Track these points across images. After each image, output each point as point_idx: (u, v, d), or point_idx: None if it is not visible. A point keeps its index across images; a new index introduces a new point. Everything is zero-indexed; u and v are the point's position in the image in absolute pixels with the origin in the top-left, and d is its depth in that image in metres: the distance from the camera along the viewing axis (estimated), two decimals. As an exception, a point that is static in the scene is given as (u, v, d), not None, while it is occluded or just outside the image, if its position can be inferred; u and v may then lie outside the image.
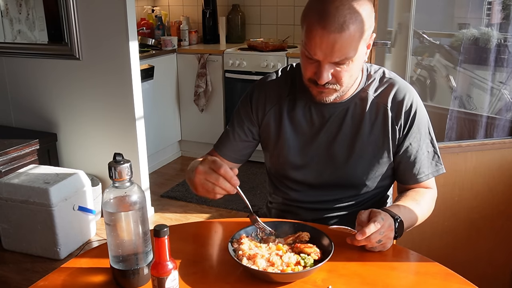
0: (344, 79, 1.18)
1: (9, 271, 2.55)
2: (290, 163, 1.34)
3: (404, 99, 1.28)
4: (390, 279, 1.04)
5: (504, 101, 2.50)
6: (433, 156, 1.32)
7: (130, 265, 1.00)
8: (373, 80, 1.31)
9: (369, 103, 1.28)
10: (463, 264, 1.45)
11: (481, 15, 2.64)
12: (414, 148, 1.29)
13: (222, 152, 1.39)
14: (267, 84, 1.37)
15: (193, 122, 4.04)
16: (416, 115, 1.28)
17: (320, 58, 1.13)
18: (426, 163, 1.31)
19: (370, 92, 1.29)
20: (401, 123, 1.28)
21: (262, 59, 3.65)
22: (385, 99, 1.28)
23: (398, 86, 1.29)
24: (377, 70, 1.33)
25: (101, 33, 2.82)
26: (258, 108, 1.36)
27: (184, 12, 4.41)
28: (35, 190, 2.53)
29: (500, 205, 2.00)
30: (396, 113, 1.28)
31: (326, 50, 1.11)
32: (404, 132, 1.28)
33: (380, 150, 1.29)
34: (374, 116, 1.28)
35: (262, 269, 1.01)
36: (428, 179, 1.32)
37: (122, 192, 0.97)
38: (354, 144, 1.29)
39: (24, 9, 3.08)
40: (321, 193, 1.35)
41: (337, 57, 1.12)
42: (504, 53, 2.35)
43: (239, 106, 1.40)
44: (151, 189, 3.28)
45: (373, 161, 1.30)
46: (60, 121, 3.14)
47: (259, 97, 1.36)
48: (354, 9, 1.10)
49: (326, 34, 1.09)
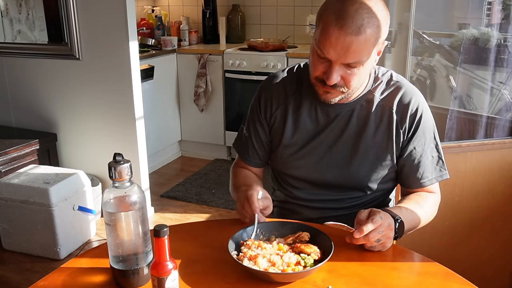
0: (352, 83, 1.18)
1: (9, 271, 2.55)
2: (294, 160, 1.35)
3: (410, 102, 1.28)
4: (390, 279, 1.04)
5: (504, 101, 2.50)
6: (438, 161, 1.31)
7: (130, 265, 1.00)
8: (380, 83, 1.31)
9: (374, 105, 1.28)
10: (463, 264, 1.45)
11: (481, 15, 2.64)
12: (418, 152, 1.29)
13: (249, 161, 1.43)
14: (273, 85, 1.38)
15: (193, 122, 4.03)
16: (422, 119, 1.28)
17: (333, 58, 1.13)
18: (430, 168, 1.30)
19: (376, 94, 1.29)
20: (405, 126, 1.27)
21: (262, 59, 3.65)
22: (390, 102, 1.28)
23: (405, 90, 1.29)
24: (384, 73, 1.33)
25: (101, 33, 2.82)
26: (266, 109, 1.37)
27: (184, 12, 4.41)
28: (35, 190, 2.53)
29: (500, 205, 2.00)
30: (401, 116, 1.27)
31: (341, 51, 1.11)
32: (409, 135, 1.28)
33: (384, 152, 1.29)
34: (379, 119, 1.28)
35: (263, 269, 1.01)
36: (431, 184, 1.31)
37: (122, 192, 0.97)
38: (358, 145, 1.29)
39: (24, 9, 3.08)
40: (323, 192, 1.35)
41: (351, 59, 1.12)
42: (504, 53, 2.35)
43: (251, 110, 1.42)
44: (151, 189, 3.28)
45: (376, 163, 1.30)
46: (60, 121, 3.14)
47: (266, 98, 1.37)
48: (373, 13, 1.11)
49: (343, 35, 1.09)
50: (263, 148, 1.41)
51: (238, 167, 1.46)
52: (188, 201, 3.33)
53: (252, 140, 1.41)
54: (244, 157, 1.44)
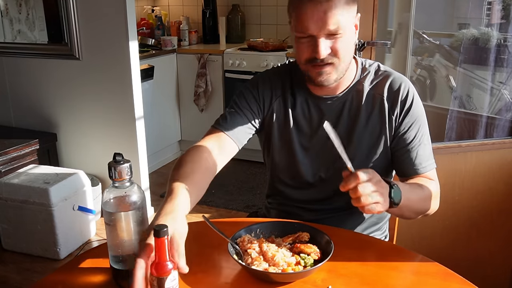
0: (341, 51, 1.18)
1: (9, 271, 2.55)
2: (292, 161, 1.34)
3: (400, 88, 1.28)
4: (390, 279, 1.04)
5: (504, 101, 2.50)
6: (431, 148, 1.31)
7: (130, 265, 0.99)
8: (368, 73, 1.32)
9: (365, 95, 1.29)
10: (463, 264, 1.45)
11: (481, 15, 2.64)
12: (412, 137, 1.28)
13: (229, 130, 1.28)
14: (270, 77, 1.36)
15: (193, 122, 4.03)
16: (413, 104, 1.28)
17: (314, 32, 1.15)
18: (426, 153, 1.29)
19: (365, 84, 1.30)
20: (397, 112, 1.28)
21: (262, 59, 3.65)
22: (381, 90, 1.29)
23: (393, 77, 1.31)
24: (371, 64, 1.35)
25: (101, 33, 2.82)
26: (265, 98, 1.33)
27: (184, 12, 4.41)
28: (35, 190, 2.53)
29: (500, 205, 2.00)
30: (392, 103, 1.28)
31: (319, 21, 1.14)
32: (401, 120, 1.28)
33: (377, 140, 1.29)
34: (370, 108, 1.29)
35: (263, 269, 1.01)
36: (429, 170, 1.29)
37: (122, 192, 0.97)
38: (351, 137, 1.29)
39: (24, 9, 3.08)
40: (319, 191, 1.35)
41: (332, 25, 1.14)
42: (504, 53, 2.35)
43: (242, 91, 1.35)
44: (151, 189, 3.28)
45: (371, 153, 1.30)
46: (60, 121, 3.14)
47: (264, 87, 1.34)
48: None
49: (317, 5, 1.13)
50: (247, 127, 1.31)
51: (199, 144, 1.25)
52: (188, 201, 3.32)
53: (240, 114, 1.31)
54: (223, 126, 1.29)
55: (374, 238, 1.31)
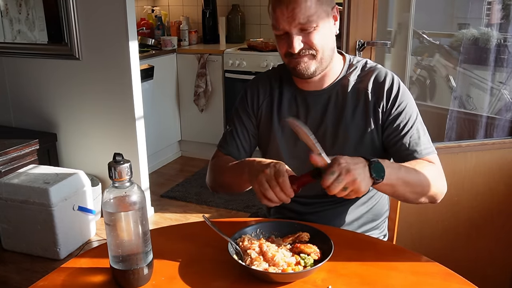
0: (315, 42, 1.22)
1: (9, 271, 2.55)
2: (280, 157, 1.35)
3: (385, 80, 1.30)
4: (389, 279, 1.04)
5: (504, 101, 2.50)
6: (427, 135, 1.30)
7: (130, 265, 1.00)
8: (355, 68, 1.35)
9: (349, 89, 1.31)
10: (463, 264, 1.45)
11: (481, 15, 2.63)
12: (402, 124, 1.28)
13: (227, 150, 1.42)
14: (258, 80, 1.43)
15: (193, 122, 4.04)
16: (399, 93, 1.29)
17: (286, 27, 1.21)
18: (417, 139, 1.28)
19: (351, 79, 1.33)
20: (383, 103, 1.29)
21: (262, 59, 3.65)
22: (365, 84, 1.31)
23: (379, 71, 1.32)
24: (359, 60, 1.37)
25: (101, 33, 2.82)
26: (253, 102, 1.41)
27: (184, 12, 4.41)
28: (35, 190, 2.53)
29: (500, 205, 2.00)
30: (378, 96, 1.29)
31: (289, 18, 1.19)
32: (389, 110, 1.29)
33: (364, 133, 1.30)
34: (355, 101, 1.31)
35: (263, 269, 1.01)
36: (425, 154, 1.27)
37: (122, 192, 0.97)
38: (337, 132, 1.31)
39: (24, 9, 3.08)
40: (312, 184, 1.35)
41: (301, 19, 1.19)
42: (504, 53, 2.35)
43: (236, 106, 1.45)
44: (151, 189, 3.28)
45: (358, 146, 1.30)
46: (60, 121, 3.14)
47: (253, 92, 1.42)
48: None
49: (286, 4, 1.19)
50: (245, 138, 1.42)
51: (217, 157, 1.44)
52: (188, 201, 3.33)
53: (234, 132, 1.42)
54: (222, 146, 1.43)
55: (374, 238, 1.31)
